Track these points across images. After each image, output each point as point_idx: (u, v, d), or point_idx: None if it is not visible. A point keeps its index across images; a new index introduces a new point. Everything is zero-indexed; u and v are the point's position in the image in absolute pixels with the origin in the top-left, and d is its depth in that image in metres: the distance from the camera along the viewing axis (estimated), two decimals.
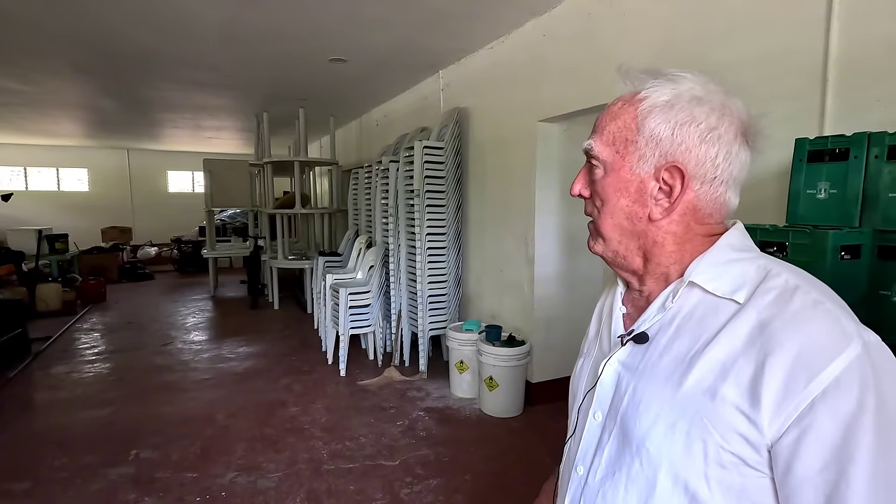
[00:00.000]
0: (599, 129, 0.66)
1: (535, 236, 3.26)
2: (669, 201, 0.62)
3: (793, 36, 1.78)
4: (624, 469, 0.61)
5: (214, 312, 6.22)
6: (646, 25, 2.38)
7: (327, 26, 3.32)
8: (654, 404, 0.59)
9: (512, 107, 3.44)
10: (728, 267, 0.60)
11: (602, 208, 0.66)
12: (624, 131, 0.63)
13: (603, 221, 0.66)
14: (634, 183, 0.63)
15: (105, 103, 5.90)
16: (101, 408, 3.32)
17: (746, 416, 0.52)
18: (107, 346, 4.77)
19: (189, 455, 2.69)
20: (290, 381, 3.76)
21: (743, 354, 0.53)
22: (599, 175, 0.66)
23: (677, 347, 0.60)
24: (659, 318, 0.63)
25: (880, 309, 1.24)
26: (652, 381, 0.60)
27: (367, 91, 5.25)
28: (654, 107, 0.61)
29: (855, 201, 1.34)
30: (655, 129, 0.61)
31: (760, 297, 0.56)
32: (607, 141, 0.65)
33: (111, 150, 10.87)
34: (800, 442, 0.49)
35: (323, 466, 2.58)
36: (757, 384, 0.51)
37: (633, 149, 0.63)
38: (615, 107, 0.65)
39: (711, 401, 0.54)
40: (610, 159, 0.64)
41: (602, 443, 0.65)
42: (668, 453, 0.57)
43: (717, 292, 0.59)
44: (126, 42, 3.62)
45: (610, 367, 0.67)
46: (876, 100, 1.57)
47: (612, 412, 0.65)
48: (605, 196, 0.65)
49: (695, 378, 0.56)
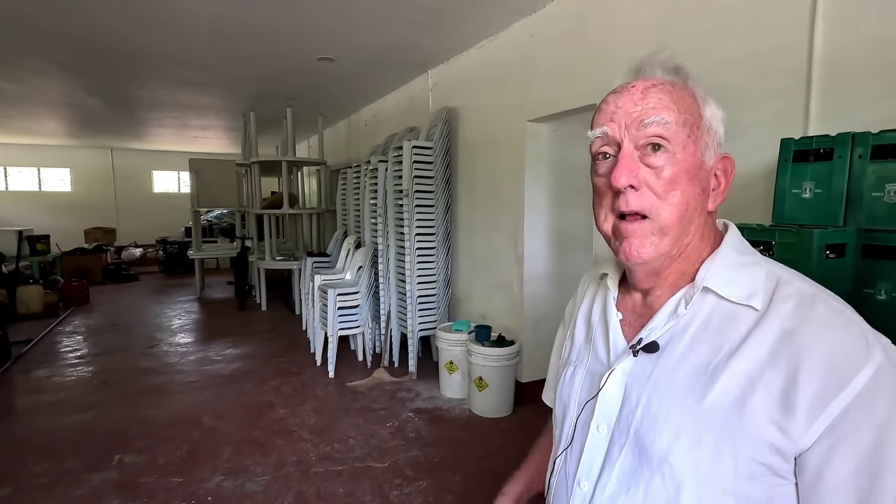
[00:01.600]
0: (663, 107, 0.58)
1: (524, 236, 3.27)
2: (721, 192, 0.62)
3: (778, 36, 1.80)
4: (641, 485, 0.58)
5: (201, 314, 6.14)
6: (634, 25, 2.40)
7: (316, 25, 3.29)
8: (674, 418, 0.56)
9: (501, 106, 3.44)
10: (739, 271, 0.59)
11: (669, 197, 0.58)
12: (693, 116, 0.59)
13: (672, 213, 0.58)
14: (704, 170, 0.60)
15: (90, 102, 5.79)
16: (85, 412, 3.25)
17: (778, 426, 0.51)
18: (90, 348, 4.68)
19: (175, 459, 2.65)
20: (278, 383, 3.72)
21: (770, 365, 0.52)
22: (665, 159, 0.58)
23: (695, 358, 0.57)
24: (670, 326, 0.60)
25: (865, 307, 1.26)
26: (669, 393, 0.58)
27: (355, 90, 5.22)
28: (705, 94, 0.61)
29: (839, 201, 1.36)
30: (710, 118, 0.61)
31: (780, 305, 0.55)
32: (682, 122, 0.58)
33: (95, 150, 10.69)
34: (833, 450, 0.49)
35: (312, 469, 2.55)
36: (790, 395, 0.50)
37: (699, 134, 0.60)
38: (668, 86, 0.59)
39: (740, 413, 0.52)
40: (683, 140, 0.58)
41: (612, 457, 0.62)
42: (693, 468, 0.54)
43: (733, 298, 0.57)
44: (114, 40, 3.56)
45: (615, 378, 0.63)
46: (858, 100, 1.59)
47: (620, 425, 0.62)
48: (676, 183, 0.58)
49: (720, 390, 0.54)
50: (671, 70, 0.61)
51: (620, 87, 0.62)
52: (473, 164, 3.83)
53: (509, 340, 3.21)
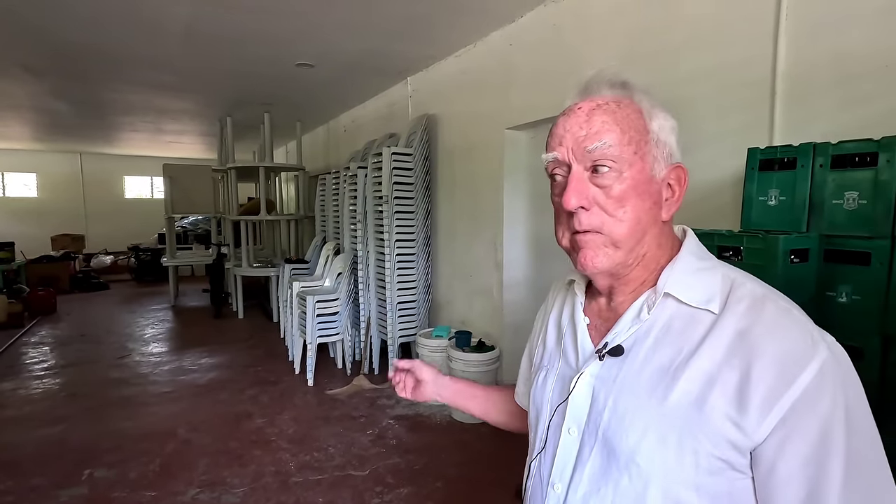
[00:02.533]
0: (606, 130, 0.60)
1: (503, 242, 3.30)
2: (674, 201, 0.64)
3: (745, 50, 1.88)
4: (611, 484, 0.60)
5: (175, 323, 5.99)
6: (609, 36, 2.46)
7: (294, 30, 3.28)
8: (640, 418, 0.58)
9: (480, 114, 3.48)
10: (697, 276, 0.61)
11: (620, 214, 0.60)
12: (639, 133, 0.61)
13: (623, 228, 0.60)
14: (654, 183, 0.62)
15: (58, 106, 5.63)
16: (52, 426, 3.13)
17: (734, 422, 0.53)
18: (57, 360, 4.52)
19: (148, 473, 2.57)
20: (255, 393, 3.66)
21: (726, 363, 0.55)
22: (613, 178, 0.60)
23: (658, 359, 0.60)
24: (634, 330, 0.63)
25: (827, 309, 1.32)
26: (634, 394, 0.60)
27: (334, 96, 5.20)
28: (652, 107, 0.63)
29: (802, 208, 1.42)
30: (658, 131, 0.63)
31: (734, 307, 0.57)
32: (626, 140, 0.60)
33: (62, 154, 10.36)
34: (784, 443, 0.52)
35: (291, 479, 2.51)
36: (744, 391, 0.53)
37: (647, 149, 0.62)
38: (613, 105, 0.61)
39: (700, 410, 0.55)
40: (629, 158, 0.60)
41: (582, 459, 0.64)
42: (659, 466, 0.56)
43: (692, 303, 0.60)
44: (83, 42, 3.47)
45: (583, 381, 0.65)
46: (819, 112, 1.67)
47: (590, 427, 0.63)
48: (625, 200, 0.60)
49: (681, 389, 0.56)
50: (618, 85, 0.63)
51: (568, 110, 0.64)
52: (453, 171, 3.86)
53: (489, 346, 3.23)
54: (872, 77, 1.54)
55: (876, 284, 1.25)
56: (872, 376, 1.23)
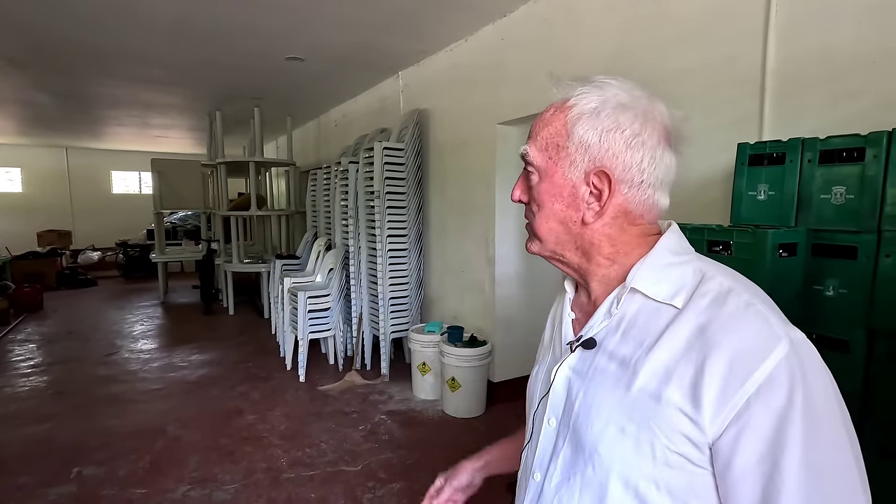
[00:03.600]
0: (533, 136, 0.68)
1: (495, 237, 3.30)
2: (599, 205, 0.64)
3: (734, 46, 1.89)
4: (578, 474, 0.62)
5: (165, 319, 5.93)
6: (600, 32, 2.46)
7: (284, 24, 3.24)
8: (604, 409, 0.60)
9: (471, 109, 3.47)
10: (667, 271, 0.62)
11: (538, 212, 0.68)
12: (556, 137, 0.65)
13: (539, 225, 0.68)
14: (567, 188, 0.65)
15: (42, 99, 5.52)
16: (39, 424, 3.09)
17: (689, 417, 0.53)
18: (44, 357, 4.46)
19: (137, 470, 2.55)
20: (246, 389, 3.64)
21: (684, 358, 0.55)
22: (535, 181, 0.67)
23: (623, 352, 0.61)
24: (606, 324, 0.65)
25: (814, 303, 1.33)
26: (601, 386, 0.62)
27: (325, 91, 5.16)
28: (581, 114, 0.63)
29: (791, 202, 1.43)
30: (584, 136, 0.63)
31: (698, 301, 0.58)
32: (541, 147, 0.66)
33: (48, 149, 10.18)
34: (738, 438, 0.52)
35: (282, 475, 2.50)
36: (698, 386, 0.53)
37: (565, 154, 0.64)
38: (547, 113, 0.67)
39: (657, 404, 0.55)
40: (544, 165, 0.66)
41: (557, 449, 0.66)
42: (619, 457, 0.58)
43: (657, 297, 0.61)
44: (66, 35, 3.41)
45: (561, 373, 0.68)
46: (807, 107, 1.69)
47: (564, 418, 0.66)
48: (540, 201, 0.67)
49: (641, 382, 0.57)
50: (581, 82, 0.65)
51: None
52: (445, 166, 3.85)
53: (481, 341, 3.24)
54: (860, 73, 1.55)
55: (862, 278, 1.26)
56: (858, 368, 1.25)
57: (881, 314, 1.23)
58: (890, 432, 1.19)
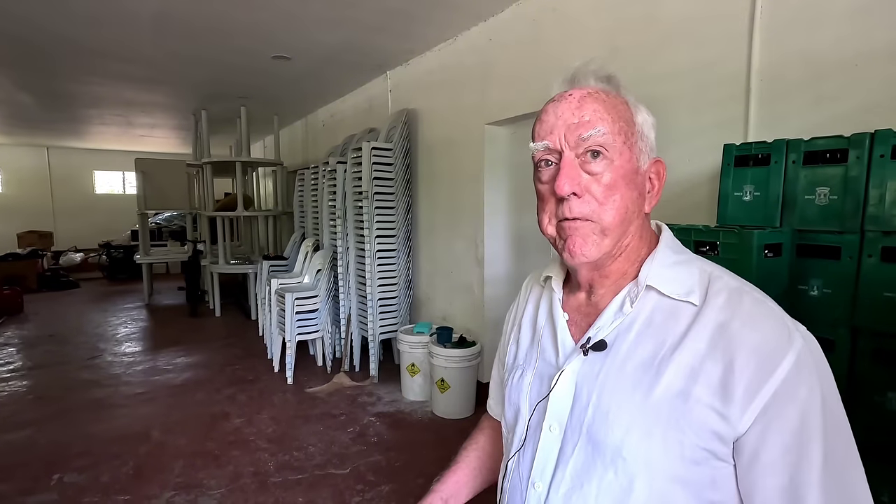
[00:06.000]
0: (598, 118, 0.60)
1: (484, 237, 3.30)
2: (655, 194, 0.65)
3: (720, 49, 1.90)
4: (594, 480, 0.60)
5: (149, 322, 5.84)
6: (588, 33, 2.47)
7: (269, 21, 3.20)
8: (625, 412, 0.58)
9: (460, 109, 3.46)
10: (676, 270, 0.62)
11: (610, 202, 0.61)
12: (627, 124, 0.62)
13: (613, 216, 0.61)
14: (639, 175, 0.64)
15: (20, 97, 5.40)
16: (17, 430, 3.02)
17: (719, 413, 0.54)
18: (24, 361, 4.35)
19: (121, 476, 2.50)
20: (233, 392, 3.59)
21: (709, 356, 0.56)
22: (604, 166, 0.60)
23: (641, 353, 0.60)
24: (617, 324, 0.63)
25: (799, 302, 1.35)
26: (618, 389, 0.60)
27: (312, 90, 5.12)
28: (636, 101, 0.64)
29: (776, 203, 1.45)
30: (642, 124, 0.64)
31: (713, 300, 0.58)
32: (618, 130, 0.61)
33: (28, 148, 9.98)
34: (766, 431, 0.53)
35: (270, 479, 2.47)
36: (727, 383, 0.54)
37: (634, 140, 0.63)
38: (602, 95, 0.62)
39: (685, 403, 0.55)
40: (620, 149, 0.61)
41: (565, 455, 0.63)
42: (645, 460, 0.57)
43: (674, 295, 0.60)
44: (43, 30, 3.33)
45: (565, 378, 0.64)
46: (792, 109, 1.71)
47: (573, 424, 0.63)
48: (615, 188, 0.61)
49: (666, 383, 0.57)
50: (603, 79, 0.64)
51: (558, 96, 0.64)
52: (433, 167, 3.84)
53: (471, 341, 3.23)
54: (843, 76, 1.57)
55: (845, 278, 1.28)
56: (842, 367, 1.27)
57: (864, 313, 1.24)
58: (873, 430, 1.21)
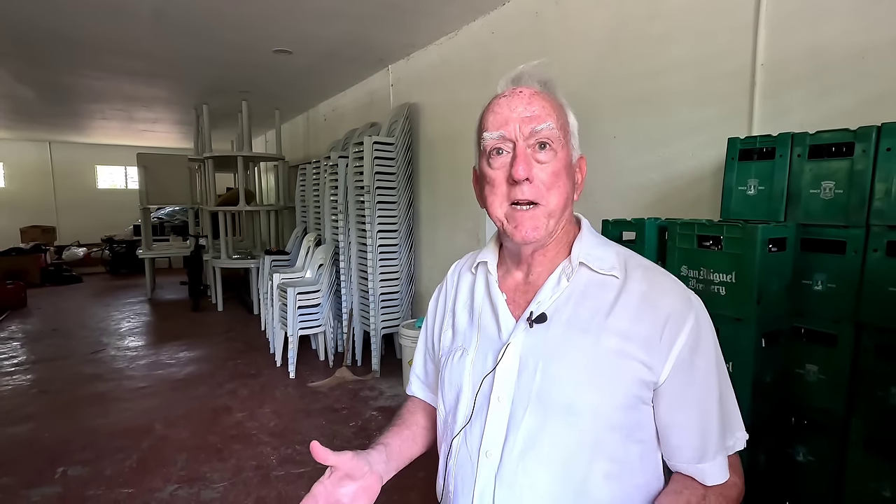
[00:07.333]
0: (546, 114, 0.69)
1: (486, 232, 3.29)
2: (580, 186, 0.76)
3: (724, 42, 1.88)
4: (546, 438, 0.66)
5: (152, 316, 5.86)
6: (591, 26, 2.44)
7: (270, 15, 3.18)
8: (571, 372, 0.67)
9: (461, 103, 3.44)
10: (600, 250, 0.74)
11: (555, 188, 0.69)
12: (565, 122, 0.72)
13: (557, 200, 0.69)
14: (572, 168, 0.73)
15: (21, 91, 5.39)
16: (21, 424, 3.04)
17: (646, 364, 0.66)
18: (28, 355, 4.38)
19: (124, 469, 2.51)
20: (235, 386, 3.60)
21: (636, 320, 0.67)
22: (551, 157, 0.69)
23: (580, 321, 0.69)
24: (555, 298, 0.71)
25: (803, 297, 1.34)
26: (564, 354, 0.68)
27: (314, 84, 5.10)
28: (567, 105, 0.74)
29: (781, 197, 1.43)
30: (573, 125, 0.74)
31: (633, 273, 0.71)
32: (560, 126, 0.70)
33: (30, 143, 9.99)
34: (681, 375, 0.67)
35: (272, 473, 2.48)
36: (652, 340, 0.66)
37: (569, 138, 0.73)
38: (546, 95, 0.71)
39: (621, 359, 0.66)
40: (562, 143, 0.70)
41: (515, 421, 0.68)
42: (591, 410, 0.65)
43: (601, 270, 0.71)
44: (42, 24, 3.31)
45: (511, 351, 0.70)
46: (797, 102, 1.69)
47: (521, 391, 0.69)
48: (559, 176, 0.69)
49: (605, 343, 0.67)
50: (542, 82, 0.72)
51: (509, 92, 0.71)
52: (435, 161, 3.82)
53: None
54: (848, 68, 1.56)
55: (850, 273, 1.27)
56: (845, 362, 1.26)
57: (868, 308, 1.23)
58: (875, 426, 1.20)
